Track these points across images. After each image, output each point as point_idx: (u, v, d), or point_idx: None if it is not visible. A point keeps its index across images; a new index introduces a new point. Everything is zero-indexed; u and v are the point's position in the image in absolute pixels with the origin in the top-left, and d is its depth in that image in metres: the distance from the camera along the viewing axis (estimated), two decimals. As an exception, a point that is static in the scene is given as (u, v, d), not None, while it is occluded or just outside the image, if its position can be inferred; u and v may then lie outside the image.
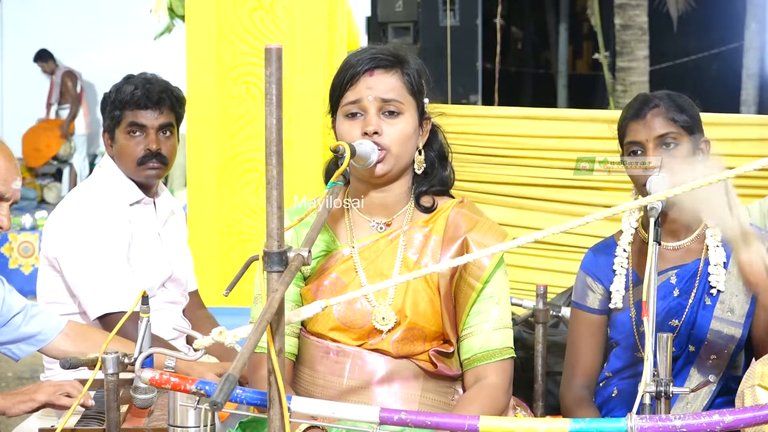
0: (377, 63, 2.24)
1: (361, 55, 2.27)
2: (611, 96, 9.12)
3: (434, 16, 8.35)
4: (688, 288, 2.59)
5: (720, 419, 1.62)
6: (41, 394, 2.49)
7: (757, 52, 11.44)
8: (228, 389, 1.41)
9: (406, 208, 2.32)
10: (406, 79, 2.26)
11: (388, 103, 2.22)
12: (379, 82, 2.23)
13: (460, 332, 2.28)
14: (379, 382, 2.24)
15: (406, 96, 2.25)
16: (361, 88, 2.23)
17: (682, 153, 2.53)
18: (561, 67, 14.50)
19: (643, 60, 8.67)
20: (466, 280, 2.25)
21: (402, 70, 2.26)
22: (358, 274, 2.26)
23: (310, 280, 2.30)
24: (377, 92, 2.22)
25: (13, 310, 2.65)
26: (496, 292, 2.27)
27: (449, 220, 2.30)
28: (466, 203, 2.34)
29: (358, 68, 2.24)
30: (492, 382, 2.24)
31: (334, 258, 2.29)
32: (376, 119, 2.21)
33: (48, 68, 11.69)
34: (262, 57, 2.55)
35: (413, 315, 2.24)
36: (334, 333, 2.26)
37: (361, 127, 2.21)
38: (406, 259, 2.27)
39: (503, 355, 2.26)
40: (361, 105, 2.22)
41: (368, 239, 2.30)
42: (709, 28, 13.12)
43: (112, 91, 3.18)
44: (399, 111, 2.23)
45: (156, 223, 3.23)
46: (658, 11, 11.66)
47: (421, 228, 2.30)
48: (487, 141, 4.57)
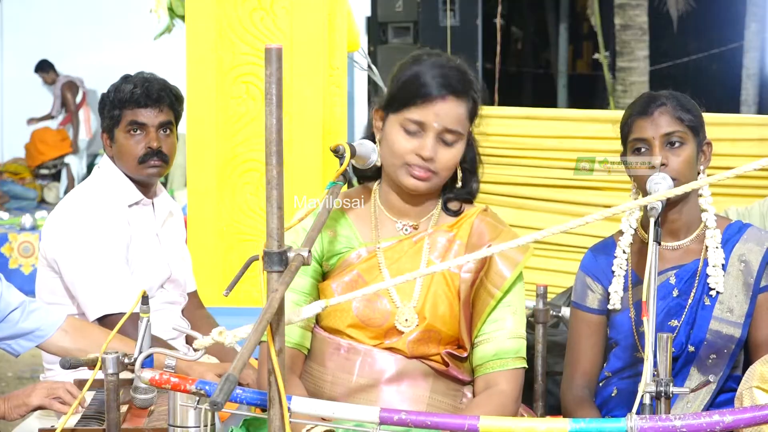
0: (451, 89, 2.22)
1: (433, 73, 2.22)
2: (611, 96, 9.12)
3: (434, 16, 8.35)
4: (688, 288, 2.59)
5: (720, 419, 1.62)
6: (34, 398, 2.52)
7: (757, 52, 11.43)
8: (228, 389, 1.41)
9: (433, 212, 2.33)
10: (470, 105, 2.25)
11: (451, 132, 2.22)
12: (449, 110, 2.21)
13: (474, 338, 2.28)
14: (388, 381, 2.25)
15: (466, 124, 2.25)
16: (430, 112, 2.20)
17: (686, 153, 2.53)
18: (561, 67, 14.50)
19: (643, 60, 8.67)
20: (487, 287, 2.26)
21: (469, 96, 2.25)
22: (381, 273, 2.27)
23: (331, 275, 2.30)
24: (444, 122, 2.21)
25: (11, 305, 2.65)
26: (514, 302, 2.28)
27: (473, 227, 2.31)
28: (490, 212, 2.36)
29: (433, 91, 2.21)
30: (502, 390, 2.24)
31: (356, 255, 2.30)
32: (433, 143, 2.20)
33: (49, 79, 11.70)
34: (262, 57, 2.55)
35: (432, 317, 2.25)
36: (351, 330, 2.26)
37: (416, 148, 2.20)
38: (430, 262, 2.28)
39: (516, 364, 2.27)
40: (423, 127, 2.21)
41: (393, 239, 2.31)
42: (709, 28, 13.11)
43: (110, 90, 3.18)
44: (457, 140, 2.23)
45: (154, 224, 3.22)
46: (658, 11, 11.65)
47: (445, 232, 2.31)
48: (487, 141, 4.55)
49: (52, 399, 2.52)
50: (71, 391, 2.52)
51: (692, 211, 2.61)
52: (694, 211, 2.61)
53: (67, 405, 2.49)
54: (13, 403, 2.53)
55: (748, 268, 2.58)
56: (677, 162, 2.52)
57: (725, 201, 3.75)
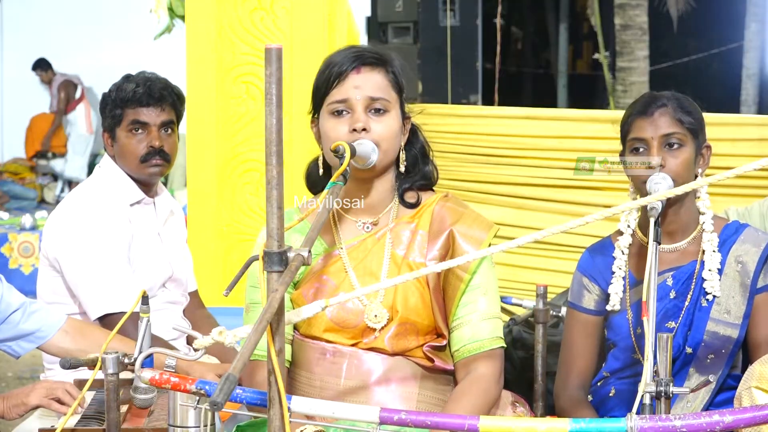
0: (363, 60, 2.25)
1: (345, 54, 2.27)
2: (611, 96, 9.11)
3: (434, 16, 8.35)
4: (685, 290, 2.58)
5: (720, 419, 1.62)
6: (33, 398, 2.52)
7: (757, 52, 11.41)
8: (228, 389, 1.41)
9: (390, 206, 2.33)
10: (391, 77, 2.27)
11: (376, 101, 2.23)
12: (366, 80, 2.24)
13: (450, 324, 2.29)
14: (376, 381, 2.25)
15: (391, 94, 2.26)
16: (348, 86, 2.23)
17: (684, 155, 2.53)
18: (561, 67, 14.49)
19: (643, 60, 8.66)
20: (454, 272, 2.26)
21: (387, 68, 2.27)
22: (348, 274, 2.27)
23: (301, 284, 2.30)
24: (365, 90, 2.23)
25: (11, 306, 2.65)
26: (483, 283, 2.28)
27: (434, 214, 2.31)
28: (451, 197, 2.36)
29: (345, 66, 2.24)
30: (482, 373, 2.25)
31: (322, 260, 2.30)
32: (363, 116, 2.21)
33: (46, 78, 11.69)
34: (262, 57, 2.55)
35: (404, 310, 2.25)
36: (328, 334, 2.26)
37: (349, 125, 2.21)
38: (394, 255, 2.29)
39: (492, 345, 2.27)
40: (348, 103, 2.22)
41: (356, 239, 2.31)
42: (709, 28, 13.10)
43: (112, 90, 3.18)
44: (386, 109, 2.24)
45: (156, 223, 3.23)
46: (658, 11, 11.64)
47: (407, 224, 2.31)
48: (487, 141, 4.57)
49: (51, 399, 2.52)
50: (70, 392, 2.52)
51: (689, 213, 2.60)
52: (691, 213, 2.61)
53: (65, 405, 2.49)
54: (11, 402, 2.54)
55: (745, 269, 2.58)
56: (675, 163, 2.52)
57: (725, 201, 3.76)
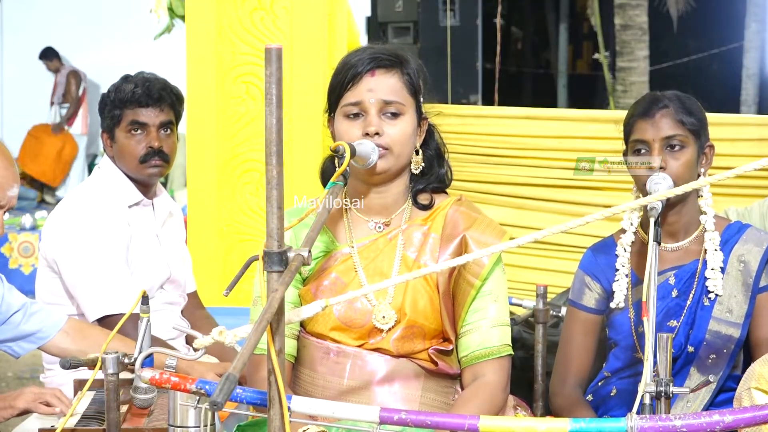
0: (378, 63, 2.23)
1: (361, 55, 2.26)
2: (611, 96, 9.11)
3: (434, 16, 8.35)
4: (687, 289, 2.59)
5: (720, 419, 1.62)
6: (21, 401, 2.53)
7: (757, 52, 11.43)
8: (228, 389, 1.41)
9: (404, 208, 2.32)
10: (406, 79, 2.25)
11: (390, 104, 2.22)
12: (381, 82, 2.22)
13: (458, 330, 2.28)
14: (379, 382, 2.24)
15: (406, 96, 2.25)
16: (362, 89, 2.22)
17: (686, 156, 2.53)
18: (561, 67, 14.50)
19: (643, 60, 8.67)
20: (465, 277, 2.25)
21: (402, 70, 2.25)
22: (357, 274, 2.26)
23: (310, 281, 2.30)
24: (379, 94, 2.21)
25: (12, 307, 2.65)
26: (494, 290, 2.27)
27: (447, 218, 2.30)
28: (464, 201, 2.35)
29: (359, 68, 2.23)
30: (490, 380, 2.24)
31: (333, 258, 2.29)
32: (377, 120, 2.20)
33: (52, 66, 11.55)
34: (262, 57, 2.55)
35: (412, 313, 2.24)
36: (334, 333, 2.26)
37: (362, 128, 2.20)
38: (405, 257, 2.28)
39: (501, 352, 2.26)
40: (362, 106, 2.22)
41: (367, 239, 2.30)
42: (709, 28, 13.11)
43: (110, 90, 3.18)
44: (400, 112, 2.23)
45: (154, 224, 3.22)
46: (658, 11, 11.66)
47: (419, 226, 2.30)
48: (487, 141, 4.57)
49: (39, 403, 2.52)
50: (59, 397, 2.53)
51: (691, 213, 2.60)
52: (693, 212, 2.61)
53: (52, 409, 2.50)
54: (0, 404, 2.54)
55: (747, 269, 2.58)
56: (676, 165, 2.52)
57: (725, 201, 3.76)
